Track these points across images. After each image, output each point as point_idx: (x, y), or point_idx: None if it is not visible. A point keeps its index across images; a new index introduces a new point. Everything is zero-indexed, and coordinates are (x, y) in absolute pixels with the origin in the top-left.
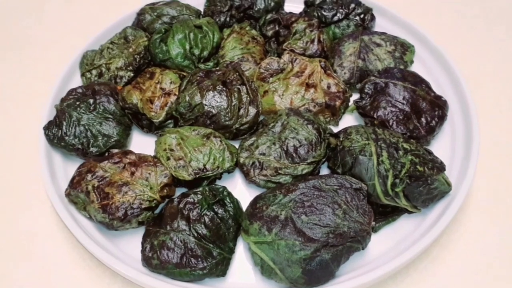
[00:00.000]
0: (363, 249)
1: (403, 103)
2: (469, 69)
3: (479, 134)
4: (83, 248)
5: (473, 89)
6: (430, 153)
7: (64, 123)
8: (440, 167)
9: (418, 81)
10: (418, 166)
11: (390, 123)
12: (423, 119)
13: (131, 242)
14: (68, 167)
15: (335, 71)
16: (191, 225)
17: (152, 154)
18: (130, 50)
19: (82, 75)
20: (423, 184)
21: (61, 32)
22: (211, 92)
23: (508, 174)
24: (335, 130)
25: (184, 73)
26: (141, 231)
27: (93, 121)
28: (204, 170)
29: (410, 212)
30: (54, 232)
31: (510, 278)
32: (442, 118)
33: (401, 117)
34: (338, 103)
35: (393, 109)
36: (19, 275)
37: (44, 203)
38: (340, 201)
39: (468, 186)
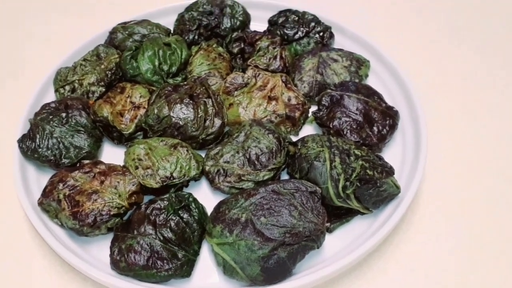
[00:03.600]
0: (318, 247)
1: (356, 114)
2: (421, 82)
3: (427, 141)
4: (54, 255)
5: (424, 101)
6: (381, 158)
7: (38, 136)
8: (389, 171)
9: (371, 93)
10: (368, 170)
11: (344, 132)
12: (375, 128)
13: (101, 247)
14: (41, 178)
15: (295, 85)
16: (157, 229)
17: (122, 164)
18: (102, 66)
19: (56, 90)
20: (373, 187)
21: (36, 51)
22: (178, 104)
23: (454, 179)
24: (295, 139)
25: (154, 88)
26: (110, 237)
27: (65, 134)
28: (171, 178)
29: (362, 213)
30: (27, 241)
31: (457, 274)
32: (393, 127)
33: (354, 126)
34: (297, 114)
35: (347, 119)
36: None
37: (18, 213)
38: (296, 203)
39: (416, 188)
